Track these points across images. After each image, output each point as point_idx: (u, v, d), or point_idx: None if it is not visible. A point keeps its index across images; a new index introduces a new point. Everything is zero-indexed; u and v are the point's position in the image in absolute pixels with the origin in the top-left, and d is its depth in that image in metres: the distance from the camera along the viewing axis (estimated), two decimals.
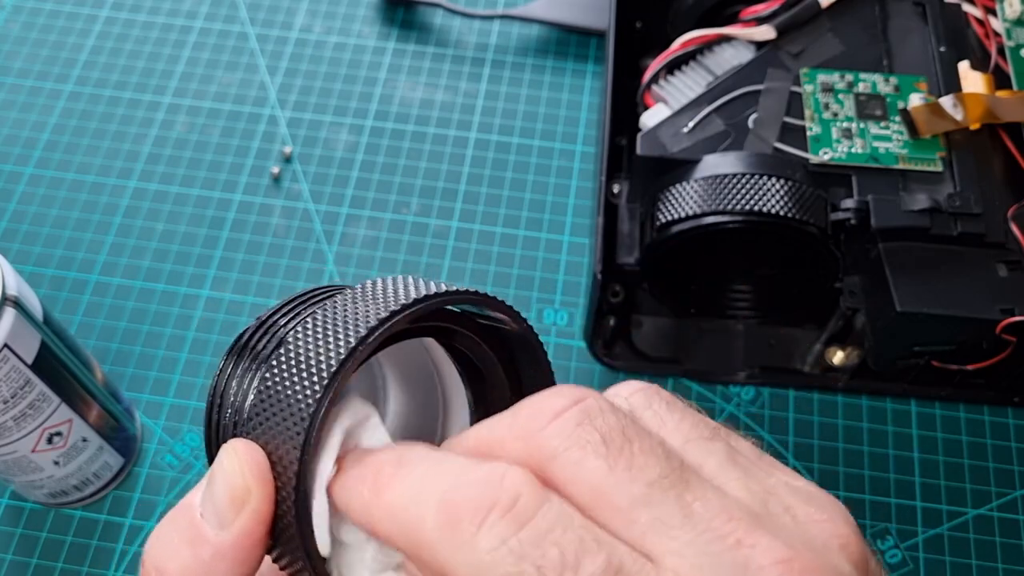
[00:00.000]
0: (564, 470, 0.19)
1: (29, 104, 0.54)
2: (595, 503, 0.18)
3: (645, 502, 0.18)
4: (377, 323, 0.20)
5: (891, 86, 0.42)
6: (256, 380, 0.23)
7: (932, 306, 0.37)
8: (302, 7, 0.58)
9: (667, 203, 0.39)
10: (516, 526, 0.18)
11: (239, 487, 0.20)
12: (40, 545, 0.41)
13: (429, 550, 0.18)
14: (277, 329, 0.24)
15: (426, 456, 0.20)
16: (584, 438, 0.19)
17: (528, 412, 0.20)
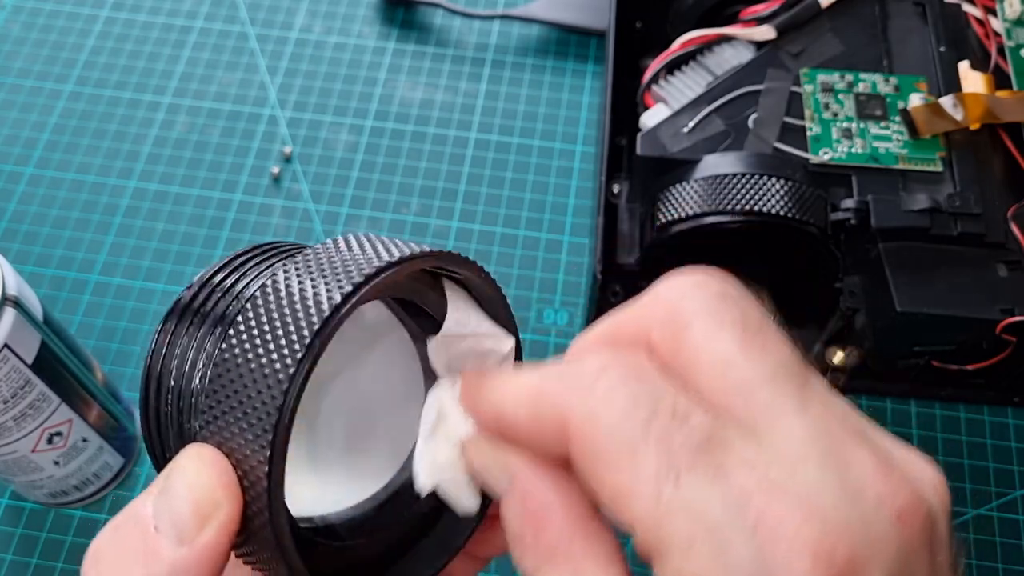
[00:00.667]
0: (699, 339, 0.19)
1: (29, 104, 0.54)
2: (721, 373, 0.18)
3: (770, 380, 0.18)
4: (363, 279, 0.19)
5: (891, 86, 0.42)
6: (201, 361, 0.20)
7: (932, 306, 0.37)
8: (302, 7, 0.58)
9: (667, 203, 0.39)
10: (633, 378, 0.18)
11: (205, 499, 0.18)
12: (40, 545, 0.41)
13: (550, 398, 0.19)
14: (225, 290, 0.21)
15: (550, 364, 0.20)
16: (723, 312, 0.19)
17: (662, 286, 0.20)
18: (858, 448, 0.17)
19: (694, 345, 0.19)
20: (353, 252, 0.20)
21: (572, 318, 0.47)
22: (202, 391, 0.19)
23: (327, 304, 0.18)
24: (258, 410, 0.18)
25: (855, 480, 0.17)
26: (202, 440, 0.19)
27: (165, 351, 0.21)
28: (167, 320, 0.22)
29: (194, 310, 0.21)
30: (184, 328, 0.21)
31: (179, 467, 0.19)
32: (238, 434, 0.18)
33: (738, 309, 0.19)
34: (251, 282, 0.21)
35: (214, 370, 0.19)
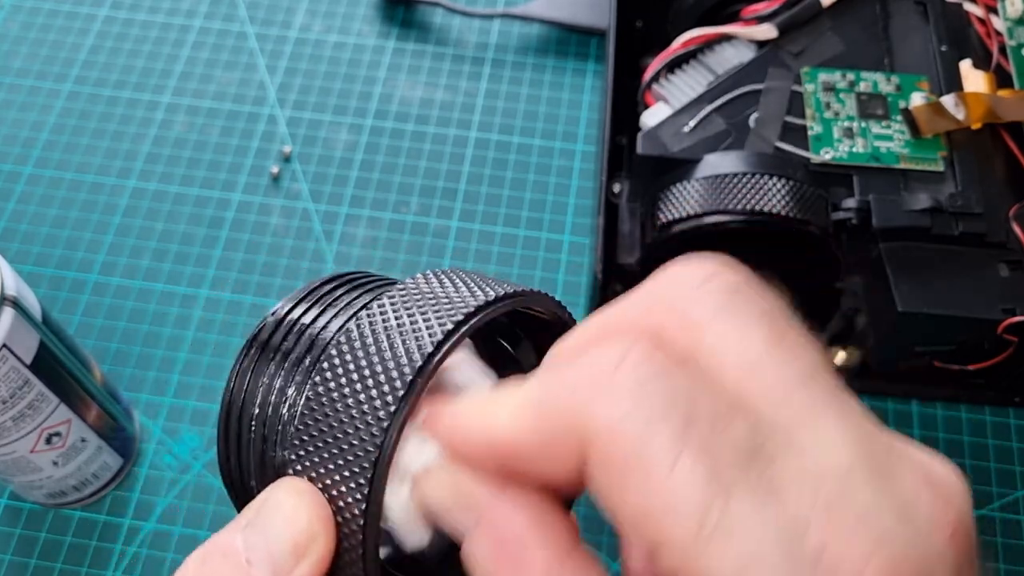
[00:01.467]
0: (722, 337, 0.16)
1: (28, 104, 0.54)
2: (750, 373, 0.16)
3: (805, 384, 0.16)
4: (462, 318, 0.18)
5: (892, 85, 0.42)
6: (292, 389, 0.20)
7: (933, 306, 0.37)
8: (301, 6, 0.58)
9: (668, 202, 0.39)
10: (660, 374, 0.16)
11: (303, 533, 0.18)
12: (39, 546, 0.41)
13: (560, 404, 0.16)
14: (304, 327, 0.21)
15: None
16: (743, 308, 0.17)
17: (667, 279, 0.18)
18: (900, 461, 0.16)
19: (715, 345, 0.17)
20: (447, 290, 0.19)
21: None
22: (292, 420, 0.19)
23: (428, 342, 0.18)
24: (355, 447, 0.18)
25: (906, 498, 0.15)
26: (295, 474, 0.19)
27: (249, 377, 0.21)
28: (250, 347, 0.22)
29: (278, 340, 0.21)
30: (269, 356, 0.21)
31: (274, 500, 0.18)
32: (333, 470, 0.18)
33: (759, 305, 0.17)
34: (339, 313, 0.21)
35: (307, 403, 0.18)
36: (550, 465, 0.17)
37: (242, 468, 0.21)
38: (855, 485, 0.15)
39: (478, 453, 0.18)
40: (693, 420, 0.15)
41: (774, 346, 0.16)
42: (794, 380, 0.16)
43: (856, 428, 0.16)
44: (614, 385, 0.16)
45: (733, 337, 0.17)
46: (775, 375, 0.16)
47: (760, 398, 0.16)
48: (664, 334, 0.17)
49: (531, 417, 0.17)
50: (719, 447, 0.15)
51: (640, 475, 0.15)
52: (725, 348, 0.16)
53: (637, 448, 0.15)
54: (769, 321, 0.17)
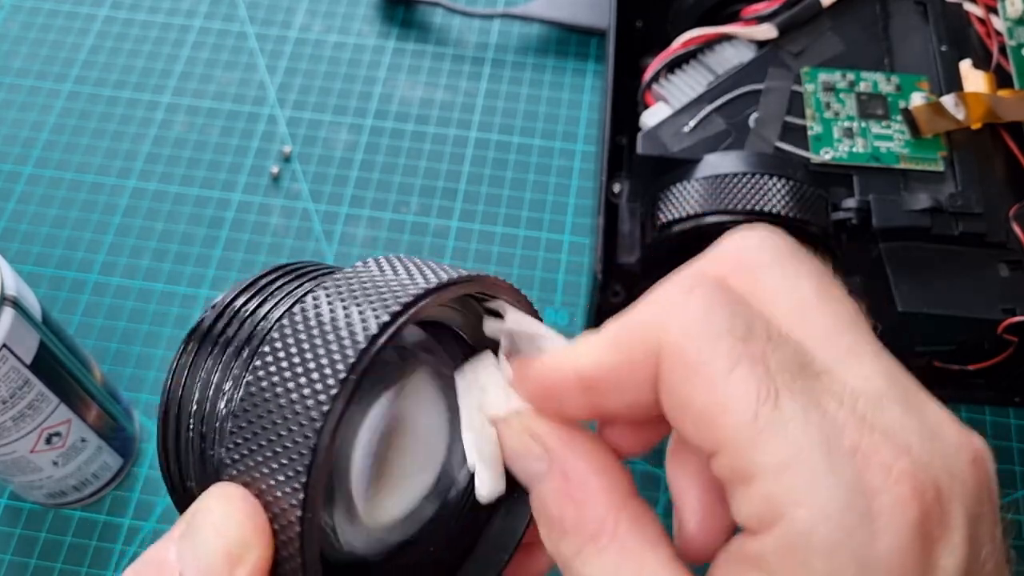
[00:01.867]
0: (776, 283, 0.19)
1: (28, 103, 0.54)
2: (800, 316, 0.18)
3: (848, 327, 0.18)
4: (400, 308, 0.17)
5: (892, 85, 0.42)
6: (229, 383, 0.19)
7: (933, 306, 0.36)
8: (301, 6, 0.58)
9: (668, 202, 0.39)
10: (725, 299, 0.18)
11: (235, 543, 0.17)
12: (39, 546, 0.41)
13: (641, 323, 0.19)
14: (245, 317, 0.20)
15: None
16: (794, 263, 0.19)
17: (727, 240, 0.20)
18: (928, 400, 0.18)
19: (773, 288, 0.19)
20: (386, 276, 0.19)
21: (572, 318, 0.47)
22: (228, 416, 0.18)
23: (362, 335, 0.17)
24: (289, 449, 0.17)
25: (933, 424, 0.18)
26: (229, 479, 0.18)
27: (187, 373, 0.20)
28: (189, 340, 0.21)
29: (218, 331, 0.20)
30: (208, 349, 0.20)
31: (205, 508, 0.18)
32: (268, 474, 0.17)
33: (810, 261, 0.20)
34: (280, 302, 0.20)
35: (241, 403, 0.18)
36: (629, 385, 0.19)
37: (182, 470, 0.20)
38: (887, 405, 0.17)
39: (565, 387, 0.20)
40: (751, 337, 0.17)
41: (820, 295, 0.19)
42: (837, 324, 0.18)
43: (890, 367, 0.18)
44: (685, 306, 0.18)
45: (786, 285, 0.19)
46: (823, 317, 0.18)
47: (809, 334, 0.18)
48: (726, 281, 0.19)
49: (613, 342, 0.19)
50: (771, 359, 0.17)
51: (705, 377, 0.17)
52: (778, 293, 0.19)
53: (703, 355, 0.17)
54: (817, 275, 0.19)
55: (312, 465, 0.17)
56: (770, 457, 0.17)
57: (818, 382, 0.17)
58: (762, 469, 0.17)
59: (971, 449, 0.18)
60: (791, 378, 0.17)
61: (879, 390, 0.18)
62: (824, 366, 0.18)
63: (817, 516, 0.16)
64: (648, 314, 0.19)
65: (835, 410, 0.17)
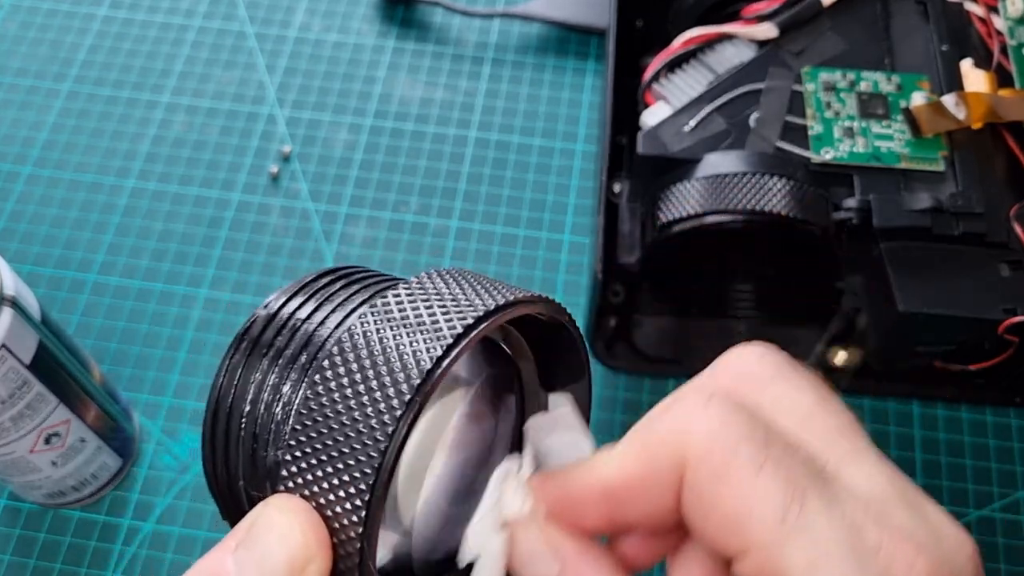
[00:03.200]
0: (780, 394, 0.20)
1: (27, 103, 0.54)
2: (805, 423, 0.19)
3: (848, 434, 0.20)
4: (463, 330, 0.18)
5: (893, 85, 0.42)
6: (287, 387, 0.19)
7: (934, 306, 0.36)
8: (301, 5, 0.58)
9: (668, 202, 0.39)
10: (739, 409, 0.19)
11: (299, 554, 0.18)
12: (38, 546, 0.41)
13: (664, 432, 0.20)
14: (298, 323, 0.21)
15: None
16: (793, 376, 0.21)
17: (734, 353, 0.21)
18: (925, 500, 0.19)
19: (777, 398, 0.20)
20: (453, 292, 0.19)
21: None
22: (286, 419, 0.18)
23: (427, 358, 0.18)
24: (352, 467, 0.17)
25: (935, 524, 0.19)
26: (288, 491, 0.18)
27: (240, 374, 0.20)
28: (240, 342, 0.21)
29: (271, 335, 0.21)
30: (263, 351, 0.20)
31: (267, 518, 0.18)
32: (329, 488, 0.17)
33: (805, 375, 0.21)
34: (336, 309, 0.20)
35: (305, 403, 0.18)
36: (651, 494, 0.20)
37: (229, 468, 0.21)
38: (894, 509, 0.18)
39: (587, 498, 0.21)
40: (770, 442, 0.19)
41: (820, 405, 0.20)
42: (838, 430, 0.20)
43: (889, 470, 0.19)
44: (705, 415, 0.19)
45: (789, 395, 0.20)
46: (825, 424, 0.20)
47: (813, 441, 0.19)
48: (734, 393, 0.20)
49: (638, 452, 0.20)
50: (792, 463, 0.18)
51: (732, 480, 0.18)
52: (783, 403, 0.20)
53: (728, 459, 0.18)
54: (815, 387, 0.21)
55: (375, 483, 0.17)
56: (800, 557, 0.17)
57: (834, 484, 0.18)
58: (792, 569, 0.17)
59: (968, 546, 0.19)
60: (813, 480, 0.18)
61: (885, 493, 0.19)
62: (834, 470, 0.19)
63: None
64: (669, 424, 0.20)
65: (853, 510, 0.18)
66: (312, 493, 0.18)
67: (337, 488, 0.17)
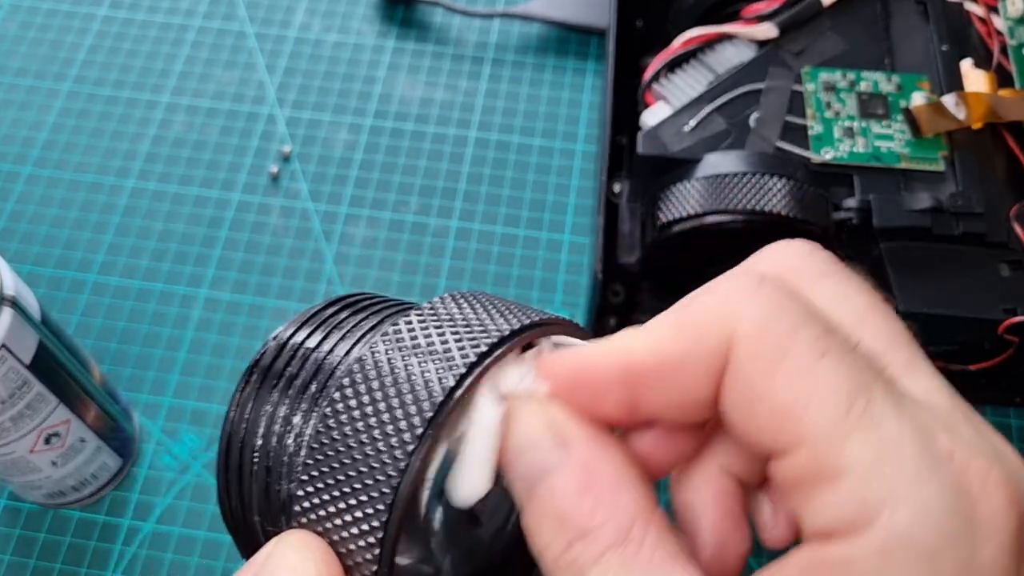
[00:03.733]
0: (830, 292, 0.18)
1: (26, 103, 0.54)
2: (860, 326, 0.18)
3: (904, 341, 0.18)
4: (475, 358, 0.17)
5: (893, 85, 0.42)
6: (298, 417, 0.19)
7: (934, 306, 0.36)
8: (301, 5, 0.58)
9: (668, 202, 0.39)
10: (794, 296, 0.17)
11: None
12: (38, 546, 0.41)
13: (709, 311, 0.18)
14: (308, 352, 0.20)
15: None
16: (844, 275, 0.19)
17: (779, 246, 0.20)
18: (982, 419, 0.18)
19: (831, 296, 0.18)
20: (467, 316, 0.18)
21: (572, 318, 0.47)
22: (298, 450, 0.18)
23: (439, 388, 0.17)
24: (365, 503, 0.17)
25: (996, 443, 0.17)
26: (301, 526, 0.18)
27: (251, 406, 0.20)
28: (252, 373, 0.21)
29: (282, 365, 0.20)
30: (273, 382, 0.20)
31: (279, 555, 0.18)
32: (342, 526, 0.17)
33: (857, 275, 0.19)
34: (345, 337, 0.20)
35: (317, 436, 0.17)
36: (685, 378, 0.17)
37: (244, 502, 0.20)
38: (959, 421, 0.17)
39: (604, 378, 0.18)
40: (830, 331, 0.17)
41: (874, 308, 0.18)
42: (895, 338, 0.18)
43: (947, 386, 0.18)
44: (757, 296, 0.17)
45: (842, 295, 0.18)
46: (880, 331, 0.18)
47: (870, 343, 0.18)
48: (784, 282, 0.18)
49: (676, 329, 0.18)
50: (856, 355, 0.17)
51: (789, 367, 0.16)
52: (837, 302, 0.18)
53: (785, 342, 0.16)
54: (867, 289, 0.19)
55: (387, 522, 0.17)
56: (864, 452, 0.16)
57: (898, 385, 0.17)
58: (855, 465, 0.16)
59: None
60: (877, 377, 0.16)
61: (946, 405, 0.17)
62: (894, 376, 0.17)
63: (920, 517, 0.15)
64: (716, 301, 0.18)
65: (922, 415, 0.16)
66: (326, 529, 0.17)
67: (351, 525, 0.17)
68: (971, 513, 0.15)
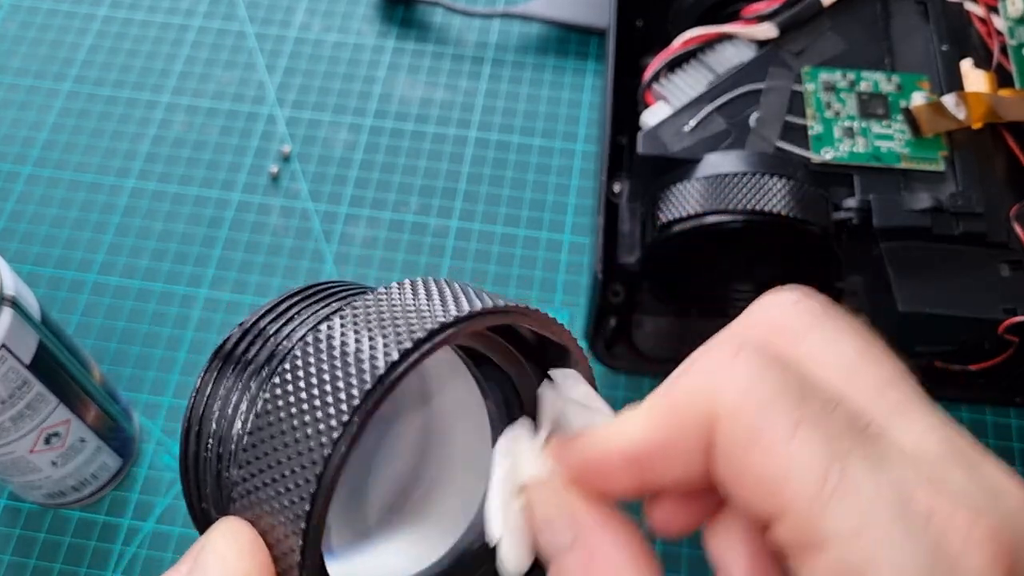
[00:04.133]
0: (818, 345, 0.18)
1: (26, 103, 0.54)
2: (846, 376, 0.18)
3: (895, 384, 0.18)
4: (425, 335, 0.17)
5: (893, 85, 0.42)
6: (245, 404, 0.19)
7: (934, 306, 0.36)
8: (301, 5, 0.58)
9: (668, 202, 0.39)
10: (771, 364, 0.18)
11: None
12: (38, 546, 0.41)
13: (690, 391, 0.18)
14: (267, 337, 0.20)
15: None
16: (834, 323, 0.19)
17: (762, 303, 0.20)
18: (982, 456, 0.18)
19: (816, 349, 0.18)
20: (418, 301, 0.18)
21: (572, 318, 0.47)
22: (241, 439, 0.18)
23: (370, 374, 0.17)
24: (291, 492, 0.17)
25: (994, 483, 0.17)
26: (236, 512, 0.18)
27: (209, 392, 0.20)
28: (213, 360, 0.21)
29: (241, 351, 0.20)
30: (230, 368, 0.20)
31: (211, 543, 0.18)
32: (271, 513, 0.17)
33: (847, 321, 0.19)
34: (303, 323, 0.20)
35: (254, 429, 0.17)
36: (680, 457, 0.18)
37: (200, 490, 0.20)
38: (948, 468, 0.17)
39: (609, 464, 0.19)
40: (806, 399, 0.17)
41: (863, 355, 0.18)
42: (884, 383, 0.18)
43: (941, 425, 0.18)
44: (733, 370, 0.18)
45: (828, 346, 0.19)
46: (868, 378, 0.18)
47: (856, 395, 0.18)
48: (766, 346, 0.19)
49: (662, 414, 0.19)
50: (832, 421, 0.17)
51: (765, 442, 0.17)
52: (822, 354, 0.18)
53: (760, 419, 0.17)
54: (857, 334, 0.19)
55: (313, 505, 0.16)
56: (842, 522, 0.16)
57: (879, 443, 0.17)
58: (835, 534, 0.16)
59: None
60: (855, 439, 0.17)
61: (937, 451, 0.17)
62: (879, 428, 0.17)
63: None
64: (695, 382, 0.18)
65: (902, 472, 0.16)
66: (256, 516, 0.17)
67: (278, 512, 0.17)
68: (951, 572, 0.16)
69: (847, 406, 0.17)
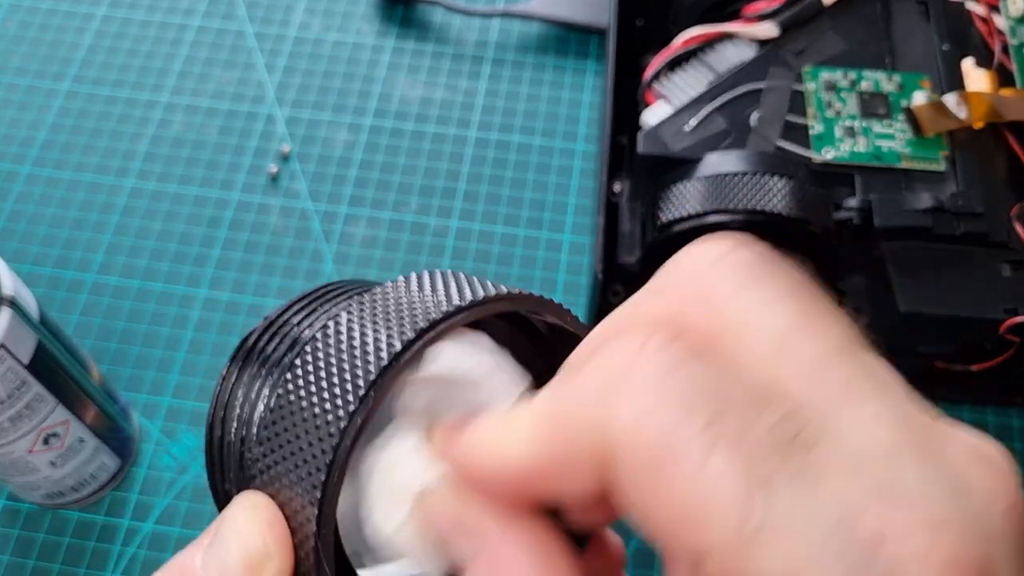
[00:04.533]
0: (746, 313, 0.15)
1: (26, 103, 0.54)
2: (779, 352, 0.15)
3: (839, 358, 0.15)
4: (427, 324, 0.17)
5: (894, 84, 0.41)
6: (267, 389, 0.20)
7: (935, 306, 0.36)
8: (300, 5, 0.58)
9: (668, 202, 0.39)
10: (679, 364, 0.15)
11: (256, 552, 0.17)
12: (37, 546, 0.41)
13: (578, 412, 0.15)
14: (290, 329, 0.21)
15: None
16: (765, 283, 0.16)
17: (680, 259, 0.17)
18: (944, 439, 0.15)
19: (738, 324, 0.15)
20: (424, 293, 0.19)
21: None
22: (262, 423, 0.19)
23: (386, 352, 0.17)
24: (308, 463, 0.17)
25: (955, 475, 0.14)
26: (256, 488, 0.18)
27: (235, 380, 0.21)
28: (240, 350, 0.22)
29: (265, 342, 0.21)
30: (255, 358, 0.21)
31: (230, 516, 0.18)
32: (288, 486, 0.18)
33: (782, 279, 0.16)
34: (321, 316, 0.21)
35: (271, 414, 0.18)
36: (570, 484, 0.16)
37: (224, 473, 0.21)
38: (902, 466, 0.14)
39: (490, 480, 0.17)
40: (722, 411, 0.14)
41: (801, 321, 0.15)
42: (826, 357, 0.15)
43: (895, 406, 0.15)
44: (632, 382, 0.15)
45: (757, 314, 0.15)
46: (805, 353, 0.15)
47: (791, 379, 0.15)
48: (682, 320, 0.16)
49: (545, 435, 0.16)
50: (753, 437, 0.14)
51: (674, 471, 0.14)
52: (749, 326, 0.15)
53: (664, 447, 0.14)
54: (794, 295, 0.16)
55: (328, 479, 0.17)
56: (771, 564, 0.13)
57: (815, 453, 0.14)
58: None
59: (1004, 495, 0.14)
60: (782, 457, 0.14)
61: (890, 444, 0.14)
62: (820, 426, 0.14)
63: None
64: (589, 391, 0.15)
65: (845, 487, 0.13)
66: (276, 491, 0.18)
67: (295, 485, 0.17)
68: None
69: (776, 406, 0.14)
